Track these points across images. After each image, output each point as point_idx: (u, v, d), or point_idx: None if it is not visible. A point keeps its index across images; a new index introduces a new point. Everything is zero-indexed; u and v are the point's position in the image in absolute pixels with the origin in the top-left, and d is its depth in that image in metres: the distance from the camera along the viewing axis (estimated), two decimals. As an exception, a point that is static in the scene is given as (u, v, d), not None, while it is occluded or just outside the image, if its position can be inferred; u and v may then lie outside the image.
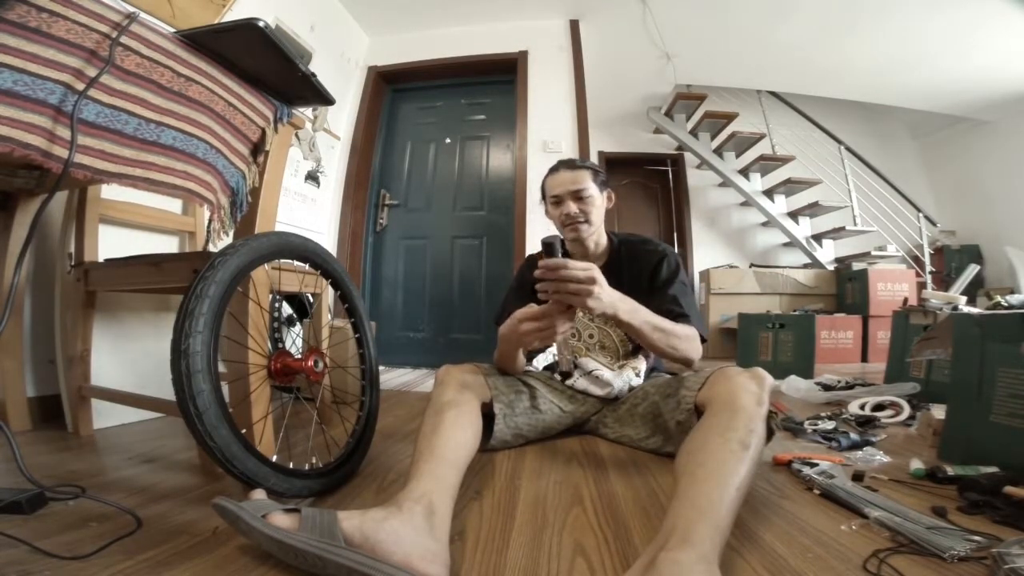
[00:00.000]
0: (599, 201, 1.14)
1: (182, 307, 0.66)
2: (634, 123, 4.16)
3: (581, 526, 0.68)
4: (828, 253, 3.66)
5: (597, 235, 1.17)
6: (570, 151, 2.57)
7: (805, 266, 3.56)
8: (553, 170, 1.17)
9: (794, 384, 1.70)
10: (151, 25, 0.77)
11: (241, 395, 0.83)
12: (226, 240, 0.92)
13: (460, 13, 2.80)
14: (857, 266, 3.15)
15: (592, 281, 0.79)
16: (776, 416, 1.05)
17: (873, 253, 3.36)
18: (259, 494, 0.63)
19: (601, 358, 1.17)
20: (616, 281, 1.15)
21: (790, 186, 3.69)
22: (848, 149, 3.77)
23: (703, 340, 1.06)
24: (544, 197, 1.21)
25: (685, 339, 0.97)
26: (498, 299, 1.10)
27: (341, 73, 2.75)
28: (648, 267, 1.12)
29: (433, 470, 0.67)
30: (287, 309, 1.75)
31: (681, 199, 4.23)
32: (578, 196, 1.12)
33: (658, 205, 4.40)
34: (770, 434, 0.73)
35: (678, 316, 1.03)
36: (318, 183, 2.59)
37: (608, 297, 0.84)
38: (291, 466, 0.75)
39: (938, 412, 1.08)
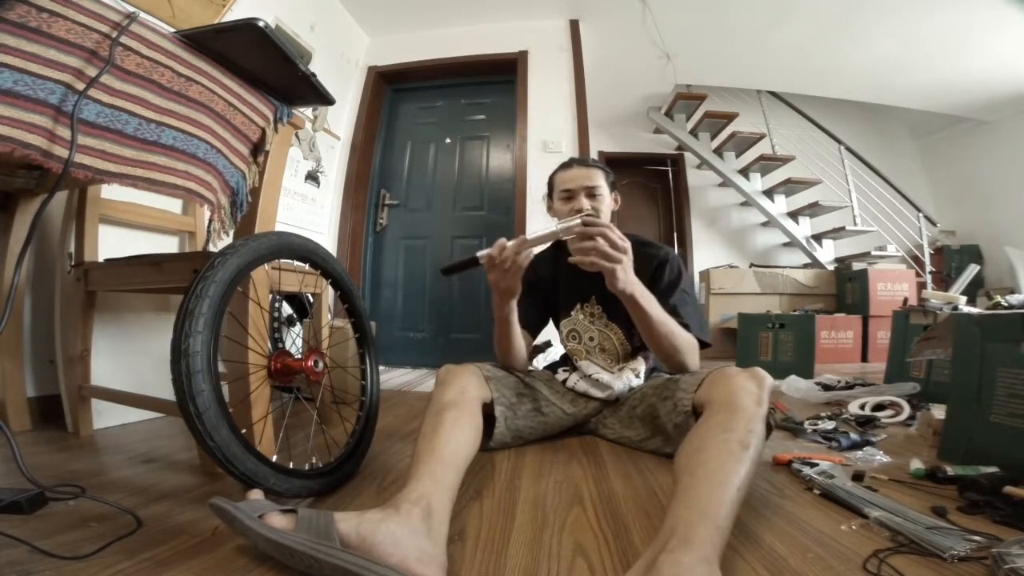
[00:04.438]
0: (608, 201, 1.15)
1: (182, 307, 0.66)
2: (634, 123, 4.16)
3: (581, 526, 0.68)
4: (828, 253, 3.66)
5: None
6: (570, 151, 2.57)
7: (805, 266, 3.56)
8: (565, 166, 1.17)
9: (794, 384, 1.70)
10: (151, 25, 0.77)
11: (241, 395, 0.83)
12: (226, 240, 0.92)
13: (460, 13, 2.80)
14: (857, 266, 3.15)
15: (626, 251, 0.87)
16: (774, 411, 1.05)
17: (873, 253, 3.36)
18: (256, 494, 0.63)
19: (601, 361, 1.17)
20: None
21: (790, 186, 3.69)
22: (848, 149, 3.77)
23: (707, 345, 1.06)
24: (551, 193, 1.20)
25: (687, 345, 0.99)
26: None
27: (341, 73, 2.74)
28: (649, 270, 1.11)
29: (432, 471, 0.67)
30: (287, 309, 1.75)
31: (681, 199, 4.24)
32: (592, 193, 1.12)
33: (658, 205, 4.40)
34: (768, 429, 0.73)
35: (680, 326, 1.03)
36: (318, 183, 2.59)
37: (632, 277, 0.91)
38: (291, 466, 0.75)
39: (938, 412, 1.08)
